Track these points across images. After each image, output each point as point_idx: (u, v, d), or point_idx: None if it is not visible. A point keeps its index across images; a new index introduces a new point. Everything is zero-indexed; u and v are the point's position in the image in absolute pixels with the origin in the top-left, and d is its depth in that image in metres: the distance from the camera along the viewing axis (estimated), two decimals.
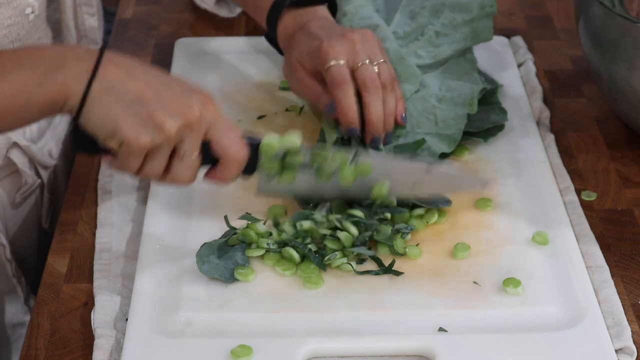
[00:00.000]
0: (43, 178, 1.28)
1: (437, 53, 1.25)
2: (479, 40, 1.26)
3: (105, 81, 0.95)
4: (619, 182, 1.20)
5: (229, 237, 1.07)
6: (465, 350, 0.96)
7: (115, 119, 0.95)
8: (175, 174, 1.00)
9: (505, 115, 1.23)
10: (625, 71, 1.18)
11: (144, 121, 0.95)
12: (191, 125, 0.97)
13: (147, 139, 0.95)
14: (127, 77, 0.96)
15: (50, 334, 1.01)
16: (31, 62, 0.96)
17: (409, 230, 1.07)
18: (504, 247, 1.08)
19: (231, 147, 1.00)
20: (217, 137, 0.99)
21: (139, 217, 1.14)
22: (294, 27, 1.19)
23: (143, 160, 0.98)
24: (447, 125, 1.18)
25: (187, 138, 0.97)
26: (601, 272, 1.06)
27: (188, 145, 0.98)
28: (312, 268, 1.04)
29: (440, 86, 1.22)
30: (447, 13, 1.26)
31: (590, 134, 1.28)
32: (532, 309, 1.01)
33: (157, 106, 0.95)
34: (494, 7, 1.26)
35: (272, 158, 1.04)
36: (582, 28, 1.25)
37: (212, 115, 0.99)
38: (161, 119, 0.95)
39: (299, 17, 1.20)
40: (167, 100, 0.96)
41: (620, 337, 0.99)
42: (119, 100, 0.95)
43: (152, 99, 0.96)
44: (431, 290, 1.03)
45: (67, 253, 1.11)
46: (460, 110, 1.19)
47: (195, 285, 1.03)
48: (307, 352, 0.96)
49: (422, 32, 1.26)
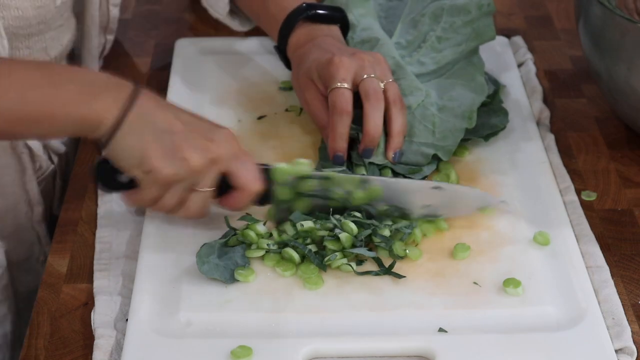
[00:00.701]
0: (56, 165, 1.30)
1: (440, 58, 1.24)
2: (482, 39, 1.26)
3: (140, 110, 1.01)
4: (619, 182, 1.20)
5: (229, 237, 1.07)
6: (465, 351, 0.96)
7: (145, 146, 1.00)
8: (190, 206, 1.05)
9: (506, 117, 1.23)
10: (625, 71, 1.18)
11: (172, 152, 1.00)
12: (215, 161, 1.02)
13: (173, 170, 1.01)
14: (159, 108, 1.03)
15: (51, 334, 1.01)
16: (81, 81, 1.02)
17: (409, 231, 1.07)
18: (504, 248, 1.08)
19: (248, 179, 1.05)
20: (234, 169, 1.04)
21: (139, 217, 1.14)
22: (305, 39, 1.21)
23: (162, 191, 1.03)
24: (444, 136, 1.18)
25: (208, 173, 1.03)
26: (601, 272, 1.06)
27: (207, 179, 1.03)
28: (312, 268, 1.04)
29: (442, 94, 1.22)
30: (446, 17, 1.26)
31: (590, 134, 1.28)
32: (532, 309, 1.01)
33: (185, 139, 1.01)
34: (491, 5, 1.26)
35: (284, 184, 1.07)
36: (582, 28, 1.25)
37: (234, 151, 1.04)
38: (189, 152, 1.01)
39: (312, 31, 1.21)
40: (194, 134, 1.02)
41: (620, 337, 0.99)
42: (150, 128, 1.01)
43: (181, 132, 1.01)
44: (431, 290, 1.03)
45: (67, 253, 1.11)
46: (459, 122, 1.18)
47: (195, 286, 1.03)
48: (307, 353, 0.96)
49: (424, 39, 1.26)
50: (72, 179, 1.22)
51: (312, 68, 1.17)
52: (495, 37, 1.27)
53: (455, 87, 1.22)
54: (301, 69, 1.19)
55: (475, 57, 1.26)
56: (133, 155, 1.01)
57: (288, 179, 1.08)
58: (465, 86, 1.22)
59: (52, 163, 1.29)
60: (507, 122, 1.22)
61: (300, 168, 1.08)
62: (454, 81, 1.23)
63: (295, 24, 1.22)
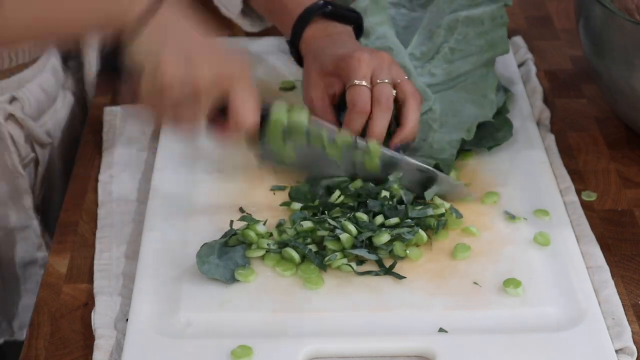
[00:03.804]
0: (38, 154, 1.30)
1: (451, 69, 1.24)
2: (495, 52, 1.25)
3: (165, 15, 1.01)
4: (619, 182, 1.20)
5: (229, 237, 1.07)
6: (466, 351, 0.96)
7: (162, 48, 1.01)
8: (182, 117, 1.05)
9: (510, 129, 1.22)
10: (625, 71, 1.18)
11: (186, 60, 1.01)
12: (222, 84, 1.04)
13: (181, 78, 1.01)
14: (183, 17, 1.03)
15: (51, 334, 1.01)
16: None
17: (410, 237, 1.07)
18: (504, 248, 1.08)
19: (245, 110, 1.06)
20: (235, 100, 1.05)
21: (139, 217, 1.14)
22: (321, 34, 1.21)
23: (163, 97, 1.03)
24: (442, 149, 1.18)
25: (213, 92, 1.03)
26: (601, 272, 1.06)
27: (209, 96, 1.04)
28: (312, 268, 1.04)
29: (448, 110, 1.21)
30: (461, 28, 1.26)
31: (590, 134, 1.28)
32: (532, 309, 1.01)
33: (201, 51, 1.02)
34: (504, 17, 1.26)
35: (277, 130, 1.09)
36: (582, 28, 1.25)
37: (242, 81, 1.05)
38: (202, 67, 1.01)
39: (328, 28, 1.22)
40: (212, 53, 1.03)
41: (621, 338, 0.99)
42: (171, 31, 1.01)
43: (200, 44, 1.03)
44: (431, 290, 1.03)
45: (67, 253, 1.11)
46: (455, 134, 1.18)
47: (195, 286, 1.03)
48: (307, 353, 0.96)
49: (437, 50, 1.26)
50: (72, 179, 1.22)
51: (329, 61, 1.17)
52: (508, 50, 1.26)
53: (462, 102, 1.22)
54: (316, 61, 1.19)
55: (491, 73, 1.25)
56: (149, 52, 1.00)
57: (283, 124, 1.09)
58: (474, 103, 1.21)
59: (32, 152, 1.29)
60: (510, 135, 1.22)
61: (297, 118, 1.10)
62: (464, 95, 1.22)
63: (311, 19, 1.22)
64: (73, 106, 1.38)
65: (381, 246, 1.05)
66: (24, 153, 1.28)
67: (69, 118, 1.36)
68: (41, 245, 1.32)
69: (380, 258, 1.05)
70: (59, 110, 1.35)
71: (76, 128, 1.38)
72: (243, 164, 1.18)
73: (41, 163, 1.31)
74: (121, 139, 1.26)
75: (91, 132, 1.29)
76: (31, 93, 1.28)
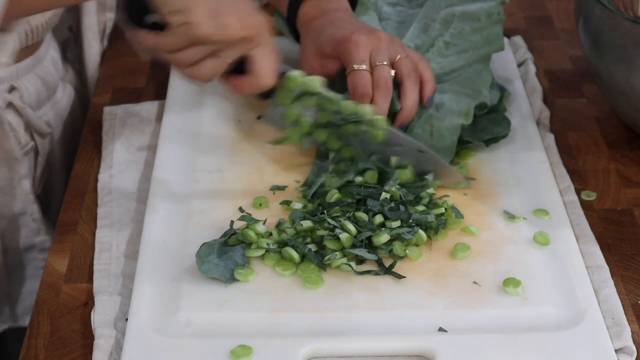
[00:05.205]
0: (38, 144, 1.30)
1: (445, 64, 1.24)
2: (490, 48, 1.25)
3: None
4: (619, 182, 1.20)
5: (229, 237, 1.07)
6: (465, 351, 0.96)
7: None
8: (201, 70, 1.06)
9: (508, 126, 1.22)
10: (625, 71, 1.18)
11: (215, 13, 1.01)
12: (246, 40, 1.04)
13: (209, 30, 1.01)
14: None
15: (50, 334, 1.01)
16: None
17: (410, 236, 1.07)
18: (504, 247, 1.08)
19: (266, 70, 1.08)
20: (257, 57, 1.07)
21: (139, 217, 1.14)
22: (316, 12, 1.22)
23: (189, 48, 1.03)
24: (441, 135, 1.18)
25: (236, 47, 1.04)
26: (601, 272, 1.06)
27: (231, 53, 1.05)
28: (312, 268, 1.04)
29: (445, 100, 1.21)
30: (456, 23, 1.26)
31: (590, 134, 1.28)
32: (532, 309, 1.01)
33: (231, 5, 1.02)
34: (501, 14, 1.26)
35: (290, 91, 1.12)
36: (582, 28, 1.25)
37: (265, 39, 1.06)
38: (231, 19, 1.02)
39: (323, 3, 1.22)
40: (241, 5, 1.04)
41: (620, 337, 0.99)
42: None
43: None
44: (431, 290, 1.03)
45: (67, 253, 1.11)
46: (455, 119, 1.19)
47: (195, 285, 1.03)
48: (307, 352, 0.96)
49: (432, 44, 1.26)
50: (72, 179, 1.22)
51: (327, 44, 1.18)
52: (504, 48, 1.26)
53: (458, 94, 1.22)
54: (314, 43, 1.20)
55: (485, 70, 1.24)
56: (179, 2, 1.00)
57: (296, 88, 1.12)
58: (468, 97, 1.22)
59: (32, 140, 1.30)
60: (508, 131, 1.22)
61: (311, 83, 1.12)
62: (458, 89, 1.23)
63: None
64: (74, 99, 1.38)
65: (381, 246, 1.06)
66: (23, 141, 1.28)
67: (69, 110, 1.37)
68: (40, 230, 1.32)
69: (379, 258, 1.05)
70: (59, 101, 1.35)
71: (77, 120, 1.38)
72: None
73: (41, 153, 1.31)
74: (121, 139, 1.26)
75: (91, 132, 1.29)
76: (30, 83, 1.28)
